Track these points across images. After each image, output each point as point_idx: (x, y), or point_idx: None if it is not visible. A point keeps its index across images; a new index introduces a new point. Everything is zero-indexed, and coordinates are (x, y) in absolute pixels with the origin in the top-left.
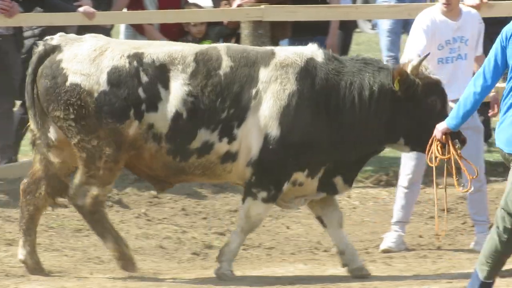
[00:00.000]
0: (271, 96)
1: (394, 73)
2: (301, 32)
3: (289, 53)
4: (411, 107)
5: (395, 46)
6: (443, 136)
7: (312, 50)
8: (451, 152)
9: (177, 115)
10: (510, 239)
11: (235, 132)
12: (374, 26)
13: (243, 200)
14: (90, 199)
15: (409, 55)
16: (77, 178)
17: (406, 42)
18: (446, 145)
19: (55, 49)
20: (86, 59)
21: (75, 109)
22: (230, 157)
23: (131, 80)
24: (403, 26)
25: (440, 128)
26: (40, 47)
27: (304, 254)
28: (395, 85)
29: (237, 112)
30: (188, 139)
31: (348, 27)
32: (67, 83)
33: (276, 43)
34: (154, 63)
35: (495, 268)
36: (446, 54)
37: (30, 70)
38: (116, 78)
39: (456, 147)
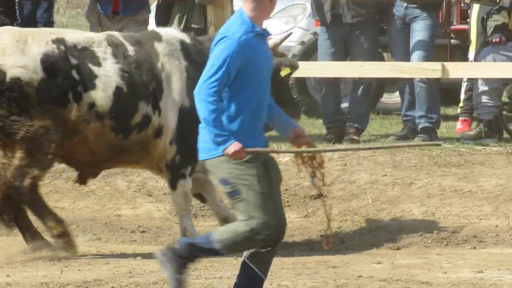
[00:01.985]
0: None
1: (284, 63)
2: None
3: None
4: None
5: None
6: None
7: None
8: None
9: (118, 90)
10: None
11: (159, 104)
12: None
13: (172, 183)
14: (29, 180)
15: None
16: (16, 162)
17: None
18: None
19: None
20: (16, 51)
21: (18, 103)
22: (157, 133)
23: (63, 64)
24: None
25: None
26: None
27: None
28: (282, 73)
29: (155, 87)
30: (129, 114)
31: None
32: (7, 79)
33: None
34: (76, 47)
35: None
36: None
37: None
38: (49, 64)
39: None
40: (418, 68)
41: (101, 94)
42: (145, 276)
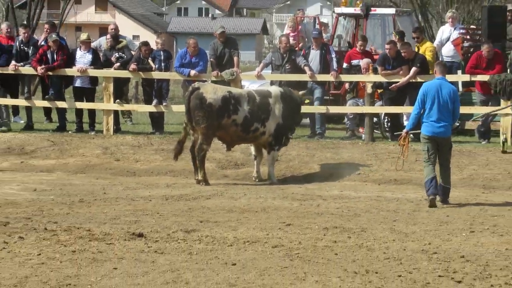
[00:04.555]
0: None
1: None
2: None
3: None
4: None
5: None
6: (405, 134)
7: (277, 88)
8: (406, 141)
9: (246, 116)
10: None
11: (265, 123)
12: None
13: (268, 151)
14: (204, 149)
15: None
16: (199, 141)
17: None
18: (406, 138)
19: (197, 88)
20: (212, 92)
21: (208, 112)
22: (262, 133)
23: (228, 101)
24: None
25: (404, 130)
26: (190, 88)
27: None
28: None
29: (265, 116)
30: (249, 125)
31: None
32: (207, 102)
33: None
34: (235, 95)
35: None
36: None
37: (187, 98)
38: (223, 100)
39: (409, 139)
40: (318, 108)
41: (239, 117)
42: (206, 192)
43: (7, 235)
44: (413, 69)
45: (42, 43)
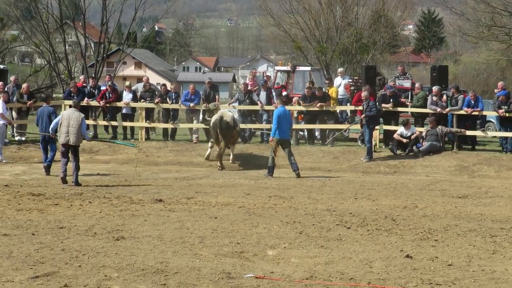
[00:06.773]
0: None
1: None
2: None
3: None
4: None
5: None
6: (272, 139)
7: (232, 111)
8: (274, 146)
9: (239, 128)
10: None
11: (237, 130)
12: None
13: (233, 145)
14: (223, 148)
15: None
16: (222, 145)
17: None
18: (274, 142)
19: (222, 116)
20: (229, 117)
21: (228, 130)
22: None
23: (234, 121)
24: None
25: (270, 138)
26: (218, 117)
27: None
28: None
29: (237, 127)
30: (238, 132)
31: None
32: (228, 123)
33: None
34: (234, 118)
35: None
36: None
37: (218, 122)
38: (232, 120)
39: (274, 144)
40: (265, 125)
41: (238, 128)
42: (199, 175)
43: (82, 200)
44: (326, 103)
45: (103, 87)
